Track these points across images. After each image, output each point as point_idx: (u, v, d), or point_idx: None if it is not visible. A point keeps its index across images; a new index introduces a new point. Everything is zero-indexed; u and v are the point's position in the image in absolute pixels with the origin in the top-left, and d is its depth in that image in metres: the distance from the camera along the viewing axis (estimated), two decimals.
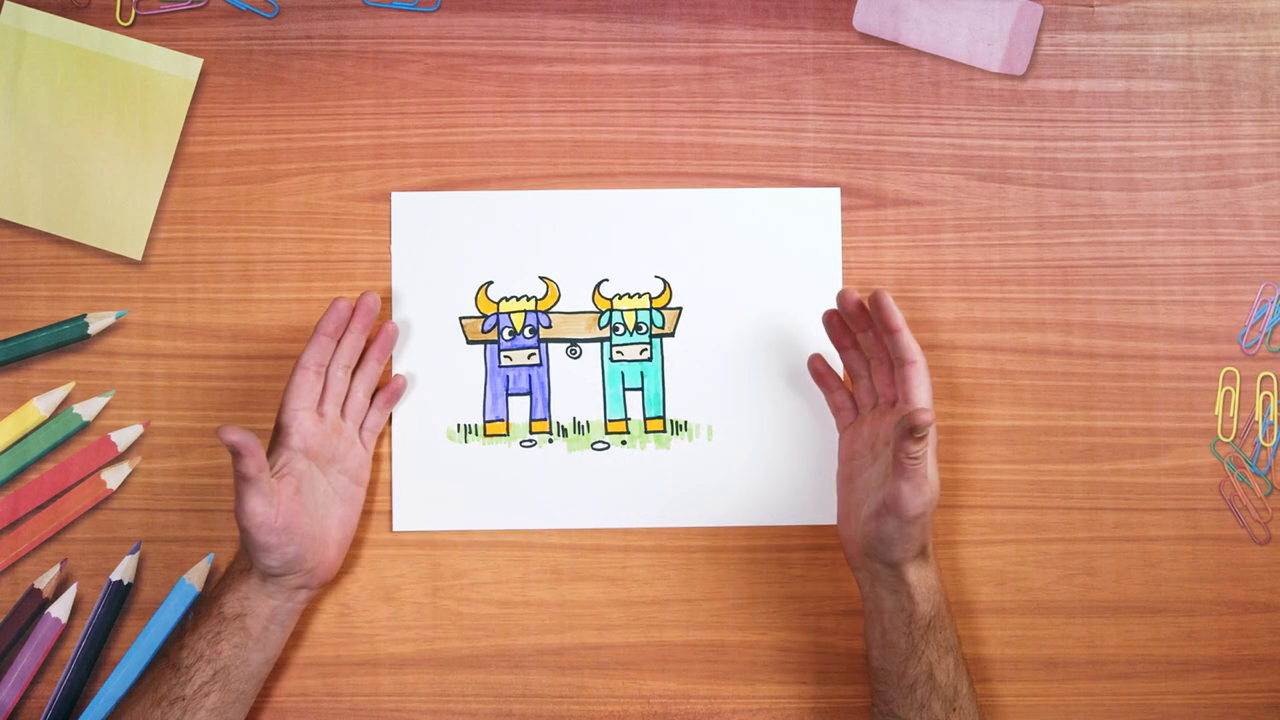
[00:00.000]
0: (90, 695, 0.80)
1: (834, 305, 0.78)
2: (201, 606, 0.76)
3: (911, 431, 0.69)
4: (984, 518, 0.83)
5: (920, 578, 0.74)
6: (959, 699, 0.74)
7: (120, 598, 0.81)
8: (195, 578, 0.81)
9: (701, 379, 0.83)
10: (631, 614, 0.82)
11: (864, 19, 0.84)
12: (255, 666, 0.76)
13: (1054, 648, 0.82)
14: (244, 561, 0.76)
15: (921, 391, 0.75)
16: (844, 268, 0.83)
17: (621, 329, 0.83)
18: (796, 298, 0.83)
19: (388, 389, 0.81)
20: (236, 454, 0.71)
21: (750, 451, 0.83)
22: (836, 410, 0.81)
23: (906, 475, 0.71)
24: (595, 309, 0.83)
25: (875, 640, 0.76)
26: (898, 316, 0.74)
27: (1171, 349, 0.83)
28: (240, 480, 0.72)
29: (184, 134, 0.83)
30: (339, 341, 0.79)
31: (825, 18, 0.84)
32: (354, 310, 0.79)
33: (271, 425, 0.79)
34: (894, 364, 0.76)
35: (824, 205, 0.84)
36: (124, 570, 0.81)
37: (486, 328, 0.83)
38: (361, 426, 0.81)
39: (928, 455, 0.72)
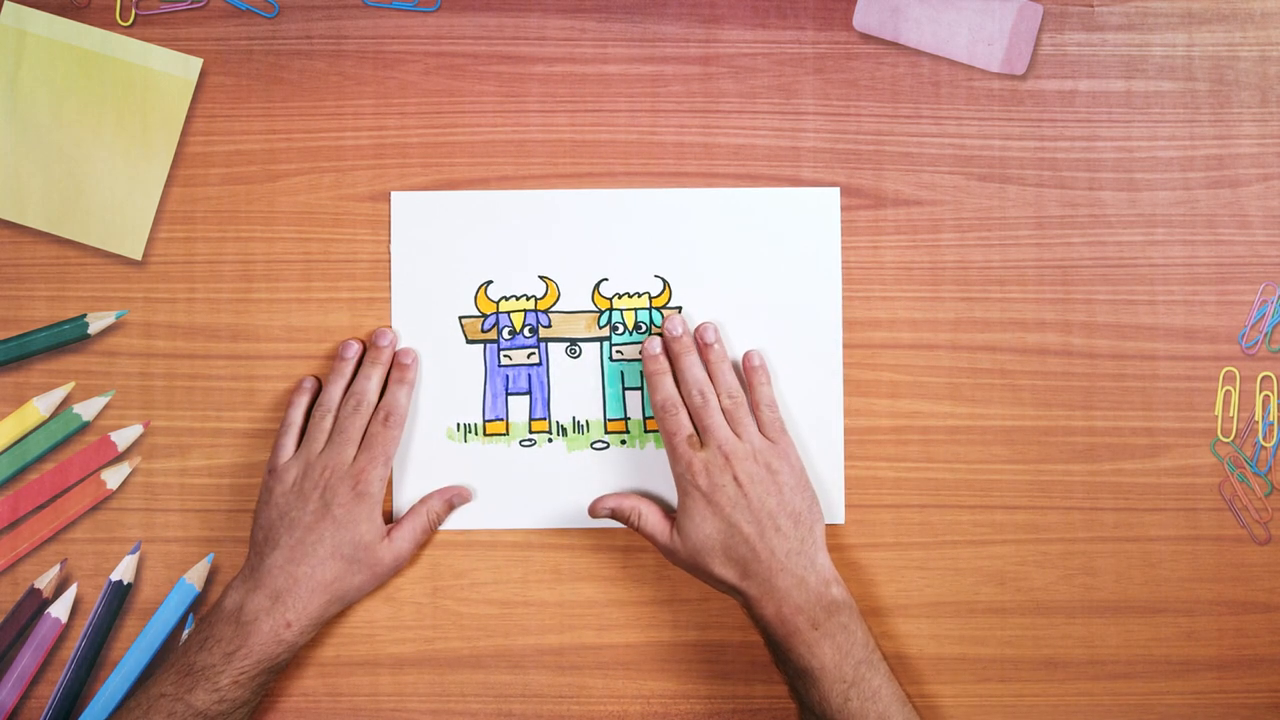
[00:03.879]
0: (90, 695, 0.81)
1: (834, 304, 0.78)
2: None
3: None
4: (984, 518, 0.83)
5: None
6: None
7: (120, 598, 0.81)
8: (195, 578, 0.81)
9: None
10: (631, 614, 0.82)
11: (864, 19, 0.84)
12: None
13: (1054, 648, 0.82)
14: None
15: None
16: (844, 268, 0.83)
17: (621, 329, 0.83)
18: (796, 298, 0.83)
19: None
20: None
21: None
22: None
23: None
24: (595, 308, 0.83)
25: None
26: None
27: (1171, 349, 0.83)
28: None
29: (184, 134, 0.83)
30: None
31: (825, 18, 0.84)
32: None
33: (271, 425, 0.79)
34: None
35: (824, 205, 0.84)
36: (124, 570, 0.81)
37: (486, 327, 0.83)
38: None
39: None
